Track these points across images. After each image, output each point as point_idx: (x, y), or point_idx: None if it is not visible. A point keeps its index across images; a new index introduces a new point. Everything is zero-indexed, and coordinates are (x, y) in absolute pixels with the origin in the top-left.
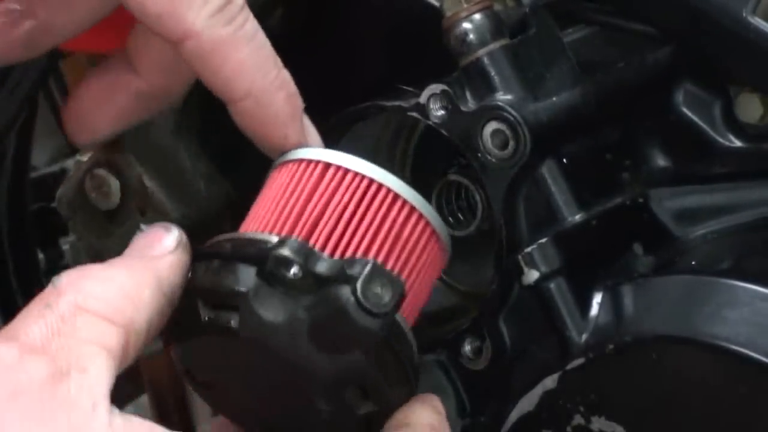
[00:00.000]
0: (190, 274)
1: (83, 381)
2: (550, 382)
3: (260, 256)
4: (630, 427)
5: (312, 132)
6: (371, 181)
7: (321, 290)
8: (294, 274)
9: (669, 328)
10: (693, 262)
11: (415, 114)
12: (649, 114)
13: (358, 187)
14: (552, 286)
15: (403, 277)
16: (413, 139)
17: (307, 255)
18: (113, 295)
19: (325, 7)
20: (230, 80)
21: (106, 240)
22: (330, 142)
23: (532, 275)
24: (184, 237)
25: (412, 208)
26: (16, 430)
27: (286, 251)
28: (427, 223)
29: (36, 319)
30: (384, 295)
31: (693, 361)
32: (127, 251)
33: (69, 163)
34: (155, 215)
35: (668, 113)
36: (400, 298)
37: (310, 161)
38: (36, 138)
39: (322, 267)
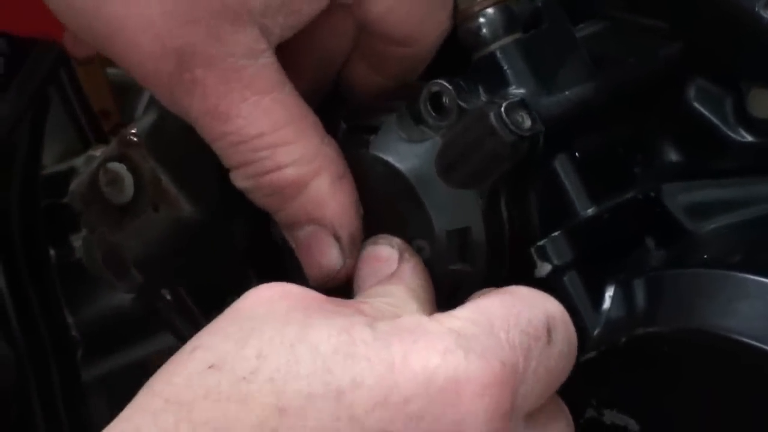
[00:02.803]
0: None
1: None
2: None
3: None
4: (642, 420)
5: None
6: None
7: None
8: (444, 103)
9: (681, 322)
10: (705, 256)
11: None
12: (660, 109)
13: None
14: (564, 279)
15: None
16: None
17: (459, 90)
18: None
19: None
20: None
21: (119, 234)
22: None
23: (544, 268)
24: (399, 241)
25: None
26: None
27: (442, 82)
28: None
29: None
30: (525, 122)
31: (705, 355)
32: (359, 285)
33: (78, 162)
34: (168, 210)
35: (680, 108)
36: (539, 132)
37: None
38: (46, 135)
39: (469, 103)
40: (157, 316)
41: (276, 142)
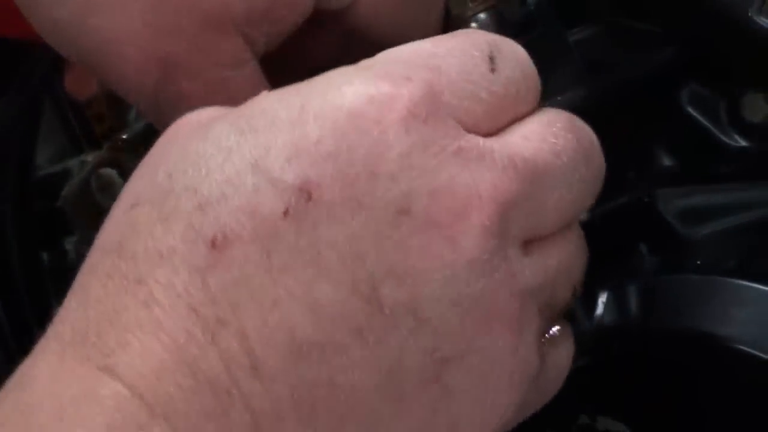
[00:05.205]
0: None
1: None
2: None
3: None
4: (635, 427)
5: None
6: None
7: None
8: None
9: (674, 328)
10: (699, 262)
11: None
12: (654, 113)
13: None
14: None
15: None
16: None
17: None
18: None
19: None
20: None
21: None
22: None
23: None
24: None
25: None
26: None
27: None
28: None
29: None
30: None
31: (699, 361)
32: None
33: (72, 163)
34: None
35: (673, 113)
36: None
37: None
38: (39, 136)
39: None
40: None
41: None
